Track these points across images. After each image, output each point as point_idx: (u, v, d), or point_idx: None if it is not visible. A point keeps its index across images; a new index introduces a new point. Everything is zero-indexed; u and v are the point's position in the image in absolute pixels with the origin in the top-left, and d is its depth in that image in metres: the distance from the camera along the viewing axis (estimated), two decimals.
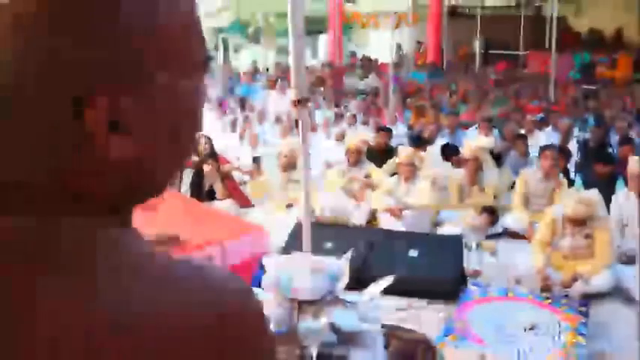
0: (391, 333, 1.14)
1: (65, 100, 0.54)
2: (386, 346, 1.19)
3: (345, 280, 1.94)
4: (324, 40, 20.98)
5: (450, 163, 6.97)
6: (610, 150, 7.63)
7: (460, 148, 7.03)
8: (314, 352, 1.64)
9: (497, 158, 6.97)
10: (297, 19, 3.26)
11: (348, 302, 1.82)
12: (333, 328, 1.55)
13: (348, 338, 1.52)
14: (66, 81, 0.54)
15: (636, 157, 5.61)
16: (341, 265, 1.96)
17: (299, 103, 3.38)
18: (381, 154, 7.36)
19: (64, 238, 0.55)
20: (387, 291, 3.69)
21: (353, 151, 6.55)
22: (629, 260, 5.03)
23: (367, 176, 6.49)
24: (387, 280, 2.12)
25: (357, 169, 6.54)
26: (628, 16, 17.14)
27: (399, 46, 17.49)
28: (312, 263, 1.85)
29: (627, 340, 4.06)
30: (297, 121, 3.58)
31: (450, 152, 7.25)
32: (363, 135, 7.20)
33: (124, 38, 0.55)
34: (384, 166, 6.98)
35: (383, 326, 1.69)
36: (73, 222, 0.56)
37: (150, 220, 0.61)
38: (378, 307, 1.97)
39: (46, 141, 0.55)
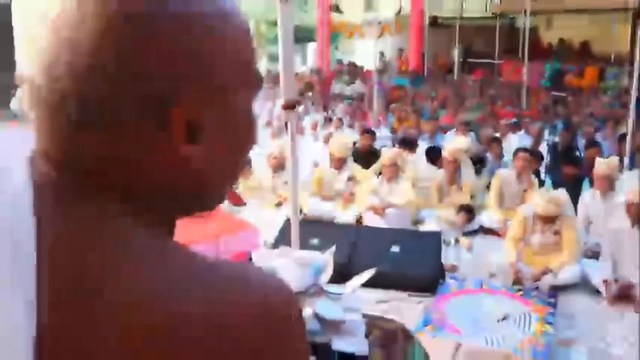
0: (372, 322, 1.16)
1: (149, 106, 0.54)
2: (367, 335, 1.21)
3: (329, 272, 1.95)
4: (312, 48, 20.99)
5: (434, 166, 6.94)
6: (577, 153, 7.69)
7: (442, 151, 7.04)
8: None
9: (480, 161, 6.96)
10: (287, 27, 3.26)
11: (332, 294, 1.83)
12: (317, 317, 1.56)
13: (331, 327, 1.53)
14: (151, 88, 0.54)
15: (602, 159, 5.66)
16: (325, 259, 1.97)
17: (288, 107, 3.38)
18: (365, 156, 7.37)
19: (131, 238, 0.54)
20: (371, 284, 3.70)
21: (336, 158, 6.52)
22: (594, 255, 5.08)
23: (350, 178, 6.47)
24: (369, 273, 2.13)
25: (342, 171, 6.51)
26: (594, 29, 17.33)
27: (382, 54, 17.51)
28: (297, 257, 1.86)
29: (591, 329, 4.11)
30: (286, 124, 3.57)
31: (434, 155, 7.23)
32: (345, 138, 7.12)
33: (204, 53, 0.56)
34: (373, 166, 6.98)
35: (364, 316, 1.70)
36: (133, 225, 0.55)
37: None
38: (359, 298, 1.98)
39: (125, 144, 0.55)
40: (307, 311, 1.65)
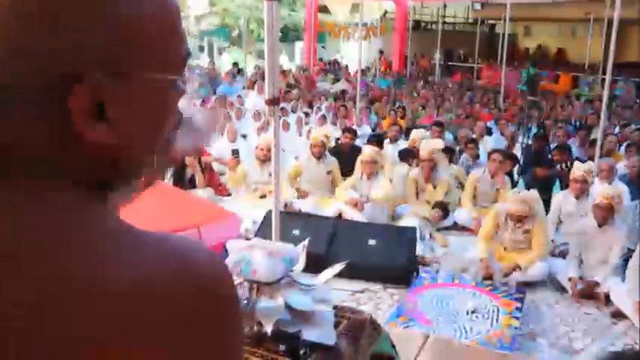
0: (341, 313, 1.15)
1: (52, 86, 0.52)
2: (336, 325, 1.20)
3: (300, 264, 1.94)
4: (300, 47, 20.95)
5: (407, 165, 6.91)
6: (549, 155, 7.74)
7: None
8: (269, 329, 1.63)
9: (450, 151, 6.92)
10: (272, 26, 3.23)
11: (303, 285, 1.82)
12: (288, 307, 1.55)
13: (301, 317, 1.52)
14: (52, 68, 0.52)
15: (579, 164, 5.67)
16: (297, 251, 1.96)
17: (271, 102, 3.36)
18: (346, 153, 7.32)
19: (50, 208, 0.53)
20: (348, 275, 3.70)
21: (314, 144, 6.48)
22: (562, 254, 5.12)
23: (329, 172, 6.45)
24: (340, 266, 2.12)
25: (321, 161, 6.48)
26: (570, 38, 17.47)
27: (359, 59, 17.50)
28: (270, 248, 1.85)
29: (556, 324, 4.15)
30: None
31: (407, 156, 7.20)
32: (325, 130, 7.06)
33: (111, 33, 0.53)
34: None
35: (334, 307, 1.70)
36: (55, 195, 0.54)
37: (132, 205, 0.59)
38: (330, 290, 1.98)
39: (33, 119, 0.53)
40: (279, 301, 1.63)
